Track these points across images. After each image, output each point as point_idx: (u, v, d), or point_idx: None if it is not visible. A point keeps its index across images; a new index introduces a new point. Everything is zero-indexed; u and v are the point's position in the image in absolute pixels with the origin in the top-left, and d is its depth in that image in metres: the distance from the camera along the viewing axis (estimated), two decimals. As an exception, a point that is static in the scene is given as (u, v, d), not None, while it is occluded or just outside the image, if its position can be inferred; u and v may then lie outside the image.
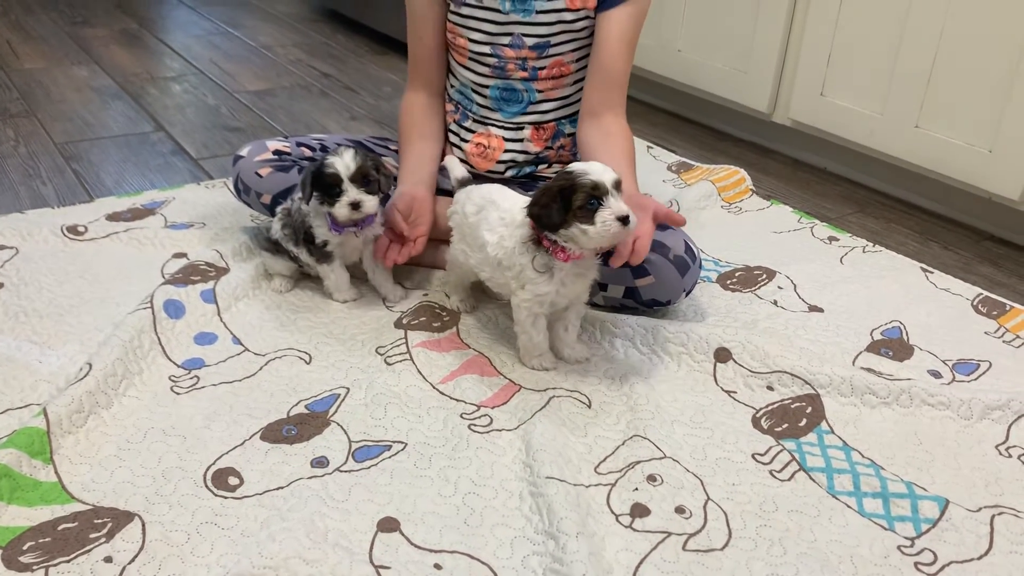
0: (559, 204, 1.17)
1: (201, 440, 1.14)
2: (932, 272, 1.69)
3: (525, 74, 1.51)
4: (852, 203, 2.04)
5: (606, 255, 1.29)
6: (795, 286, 1.61)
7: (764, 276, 1.64)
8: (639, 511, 1.06)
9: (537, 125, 1.56)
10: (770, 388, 1.30)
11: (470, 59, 1.53)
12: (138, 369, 1.25)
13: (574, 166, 1.20)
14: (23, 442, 1.07)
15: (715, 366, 1.34)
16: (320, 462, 1.11)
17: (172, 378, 1.26)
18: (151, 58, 2.91)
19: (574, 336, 1.35)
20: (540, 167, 1.59)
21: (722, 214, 1.92)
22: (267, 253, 1.49)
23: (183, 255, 1.58)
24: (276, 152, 1.57)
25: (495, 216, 1.30)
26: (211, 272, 1.48)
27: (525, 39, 1.47)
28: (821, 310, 1.53)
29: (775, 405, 1.27)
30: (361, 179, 1.34)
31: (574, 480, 1.09)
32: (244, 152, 1.57)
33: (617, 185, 1.18)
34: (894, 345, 1.44)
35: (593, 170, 1.18)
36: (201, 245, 1.62)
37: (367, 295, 1.50)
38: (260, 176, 1.54)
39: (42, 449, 1.08)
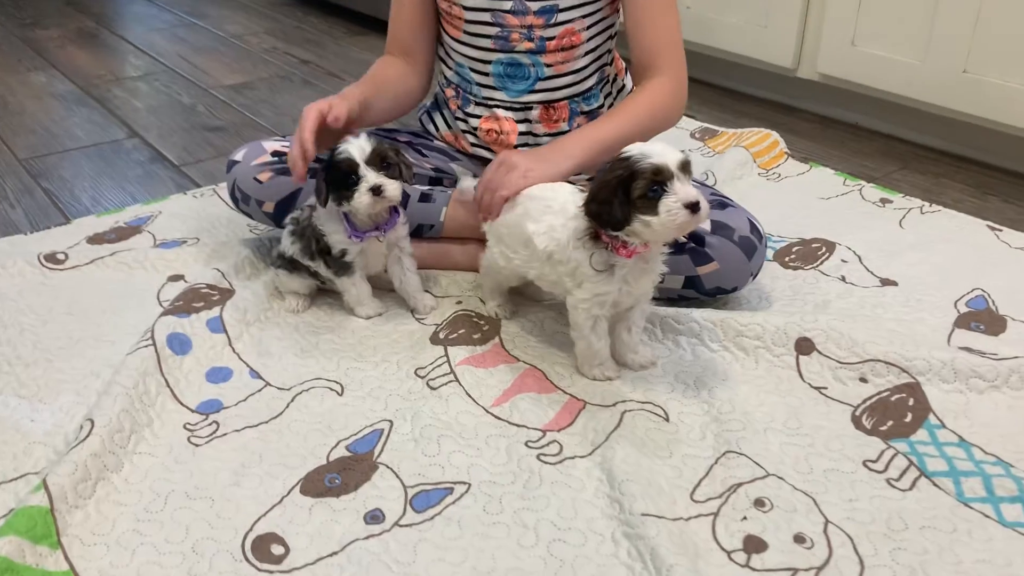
0: (620, 197, 1.01)
1: (232, 501, 0.98)
2: (1001, 230, 1.55)
3: (531, 45, 1.34)
4: (894, 159, 1.89)
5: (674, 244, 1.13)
6: (859, 258, 1.46)
7: (824, 249, 1.49)
8: (754, 545, 0.91)
9: (547, 104, 1.38)
10: (863, 380, 1.16)
11: (468, 32, 1.36)
12: (147, 420, 1.09)
13: (631, 149, 1.04)
14: (23, 526, 0.90)
15: (798, 359, 1.19)
16: (375, 516, 0.95)
17: (188, 426, 1.09)
18: (113, 57, 2.69)
19: (637, 339, 1.19)
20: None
21: (761, 182, 1.76)
22: (282, 271, 1.31)
23: (180, 277, 1.40)
24: (275, 153, 1.39)
25: (538, 206, 1.15)
26: (214, 296, 1.31)
27: (529, 3, 1.30)
28: (895, 283, 1.39)
29: (873, 399, 1.13)
30: (379, 162, 1.17)
31: (672, 514, 0.94)
32: (239, 156, 1.39)
33: (684, 167, 1.02)
34: (983, 317, 1.30)
35: (654, 152, 1.02)
36: (198, 264, 1.44)
37: (392, 308, 1.33)
38: (260, 182, 1.36)
39: (47, 532, 0.91)
